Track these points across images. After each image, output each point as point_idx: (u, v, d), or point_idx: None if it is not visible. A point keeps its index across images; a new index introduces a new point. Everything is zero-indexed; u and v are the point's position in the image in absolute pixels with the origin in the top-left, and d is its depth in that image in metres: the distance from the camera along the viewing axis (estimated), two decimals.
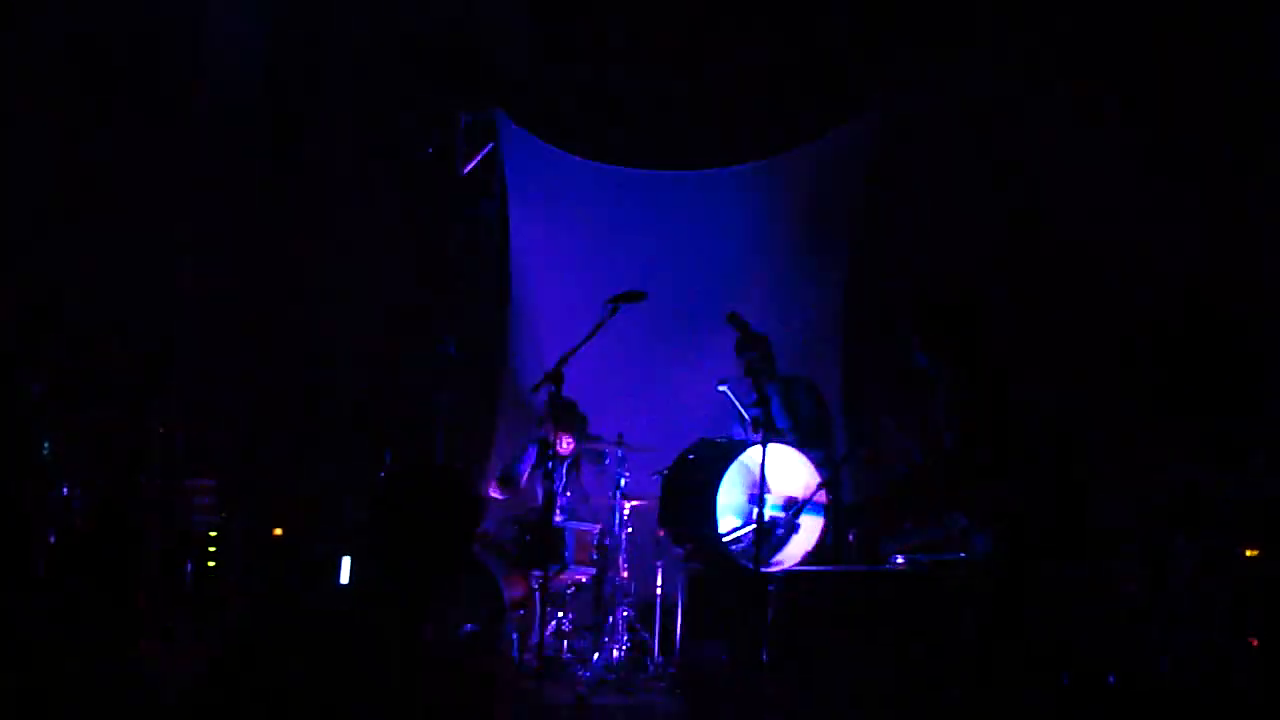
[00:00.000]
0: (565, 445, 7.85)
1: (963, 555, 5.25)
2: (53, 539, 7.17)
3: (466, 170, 9.80)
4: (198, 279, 9.03)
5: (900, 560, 5.44)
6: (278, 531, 8.80)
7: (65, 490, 7.20)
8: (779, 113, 8.92)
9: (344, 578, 8.01)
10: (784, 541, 6.33)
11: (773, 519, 6.20)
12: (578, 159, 9.28)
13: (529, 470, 8.04)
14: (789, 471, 6.44)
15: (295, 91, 9.69)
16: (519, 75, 9.54)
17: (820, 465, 6.53)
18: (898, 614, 5.14)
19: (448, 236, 9.88)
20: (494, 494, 8.05)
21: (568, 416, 7.73)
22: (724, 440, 6.97)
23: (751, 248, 9.00)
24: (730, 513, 6.44)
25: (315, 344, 9.46)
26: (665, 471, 6.99)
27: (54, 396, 7.40)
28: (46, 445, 7.16)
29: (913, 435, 5.86)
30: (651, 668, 7.31)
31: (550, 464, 7.19)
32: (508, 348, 9.70)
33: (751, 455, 6.30)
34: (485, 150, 9.76)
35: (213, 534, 7.91)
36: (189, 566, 7.44)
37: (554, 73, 9.45)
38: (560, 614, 7.38)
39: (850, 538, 6.28)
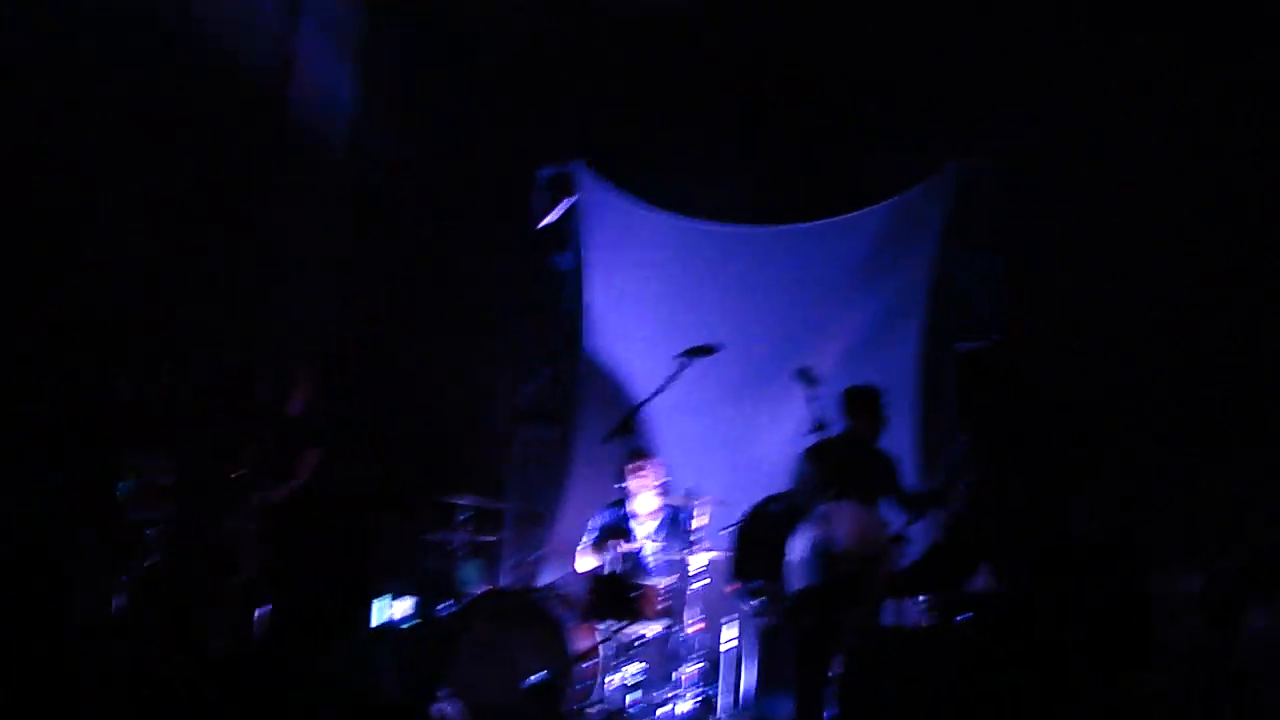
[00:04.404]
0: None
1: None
2: (125, 578, 7.23)
3: (543, 225, 9.83)
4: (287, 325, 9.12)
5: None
6: None
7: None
8: (857, 170, 8.92)
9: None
10: (852, 596, 6.26)
11: (840, 575, 6.14)
12: (656, 212, 9.35)
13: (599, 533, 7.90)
14: (860, 529, 6.38)
15: (378, 146, 9.81)
16: (599, 128, 9.58)
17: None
18: (964, 669, 5.06)
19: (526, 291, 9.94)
20: (583, 564, 7.81)
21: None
22: (795, 496, 6.91)
23: (826, 304, 8.99)
24: (800, 568, 6.39)
25: (392, 396, 9.50)
26: (737, 526, 6.95)
27: (134, 436, 7.50)
28: (124, 486, 7.24)
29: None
30: None
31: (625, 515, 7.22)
32: (579, 401, 9.72)
33: (822, 511, 6.27)
34: (565, 204, 9.81)
35: None
36: (258, 613, 7.44)
37: (634, 126, 9.48)
38: (628, 667, 7.31)
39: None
